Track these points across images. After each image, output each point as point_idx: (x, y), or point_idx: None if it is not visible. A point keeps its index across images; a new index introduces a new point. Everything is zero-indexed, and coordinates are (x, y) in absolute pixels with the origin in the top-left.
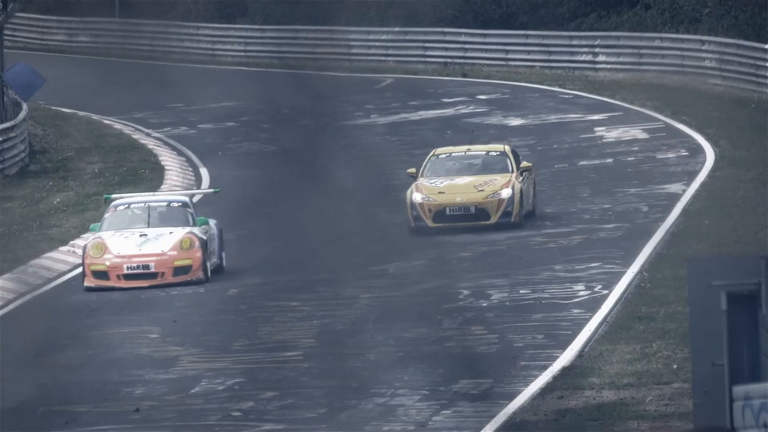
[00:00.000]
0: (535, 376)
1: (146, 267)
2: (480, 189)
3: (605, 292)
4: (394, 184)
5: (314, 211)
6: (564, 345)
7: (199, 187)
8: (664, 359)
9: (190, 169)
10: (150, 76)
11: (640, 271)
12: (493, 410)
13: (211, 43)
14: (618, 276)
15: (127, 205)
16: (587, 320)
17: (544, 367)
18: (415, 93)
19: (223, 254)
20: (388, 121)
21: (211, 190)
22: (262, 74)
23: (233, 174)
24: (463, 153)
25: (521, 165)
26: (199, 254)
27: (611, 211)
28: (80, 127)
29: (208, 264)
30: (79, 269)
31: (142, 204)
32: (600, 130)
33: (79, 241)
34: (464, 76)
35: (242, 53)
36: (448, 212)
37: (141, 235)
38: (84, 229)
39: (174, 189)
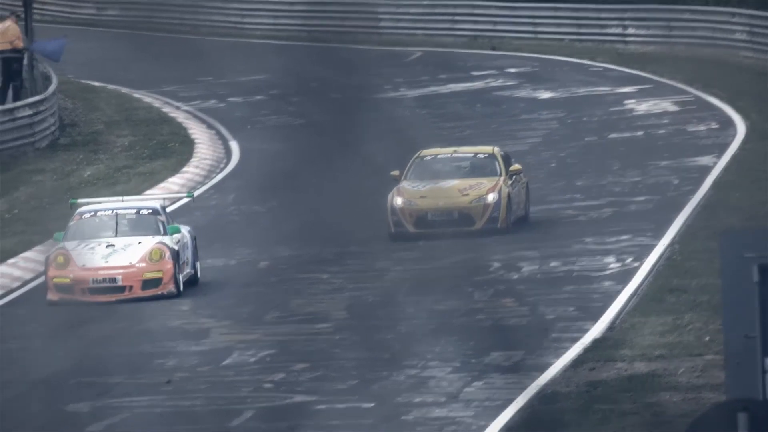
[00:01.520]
0: (567, 348)
1: (113, 280)
2: (464, 193)
3: (636, 264)
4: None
5: (344, 183)
6: (595, 317)
7: (228, 162)
8: (695, 331)
9: (220, 142)
10: (179, 50)
11: (671, 244)
12: (525, 382)
13: (240, 16)
14: (649, 248)
15: (93, 213)
16: (618, 292)
17: (576, 339)
18: (444, 66)
19: (198, 264)
20: (418, 94)
21: (185, 196)
22: (291, 47)
23: (262, 147)
24: (449, 155)
25: (511, 168)
26: (169, 266)
27: (642, 184)
28: (110, 100)
29: (180, 276)
30: None
31: (110, 211)
32: (630, 103)
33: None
34: (493, 49)
35: (271, 26)
36: (429, 217)
37: (107, 246)
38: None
39: (191, 171)
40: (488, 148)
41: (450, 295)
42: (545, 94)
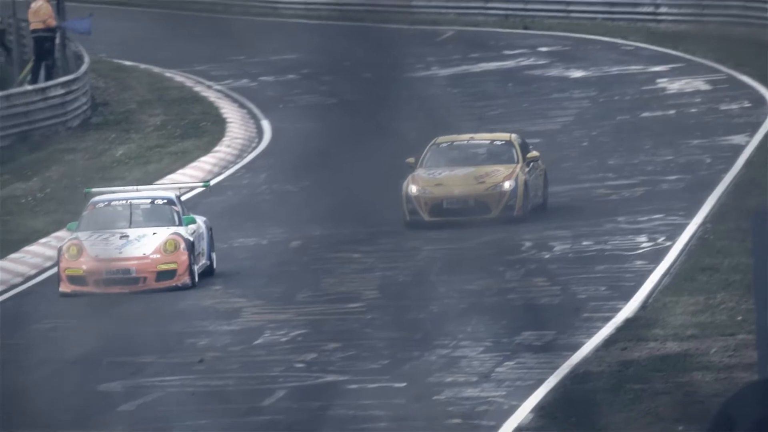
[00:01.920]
0: (599, 328)
1: (127, 272)
2: (480, 181)
3: (668, 243)
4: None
5: (376, 163)
6: (627, 296)
7: (260, 141)
8: (728, 310)
9: (252, 121)
10: (211, 29)
11: (704, 223)
12: (557, 362)
13: None
14: (681, 227)
15: (107, 202)
16: (650, 271)
17: (608, 319)
18: (476, 45)
19: (213, 255)
20: (450, 73)
21: (201, 185)
22: (323, 27)
23: (295, 126)
24: (465, 142)
25: (528, 155)
26: (184, 257)
27: (674, 163)
28: (142, 79)
29: (195, 267)
30: None
31: (124, 201)
32: (662, 82)
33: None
34: (525, 28)
35: (303, 5)
36: (445, 205)
37: (121, 237)
38: (147, 181)
39: (221, 150)
40: (505, 135)
41: (481, 275)
42: (577, 73)
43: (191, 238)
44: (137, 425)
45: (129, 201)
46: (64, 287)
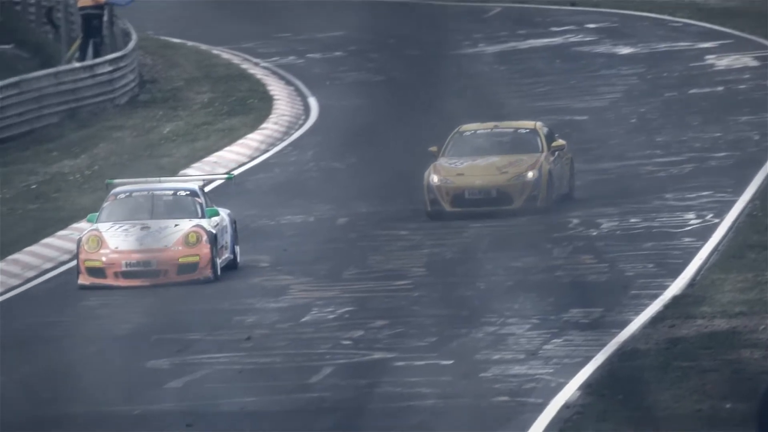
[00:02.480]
0: (646, 305)
1: (147, 264)
2: (503, 171)
3: (716, 220)
4: (503, 113)
5: (422, 140)
6: (675, 274)
7: (307, 118)
8: None
9: (299, 98)
10: (257, 6)
11: (752, 200)
12: (604, 339)
13: None
14: (729, 204)
15: (128, 193)
16: (698, 249)
17: (655, 296)
18: (523, 22)
19: (237, 248)
20: (497, 50)
21: (224, 177)
22: (369, 4)
23: (341, 103)
24: (489, 130)
25: (553, 143)
26: (206, 250)
27: (722, 140)
28: (189, 56)
29: (218, 261)
30: None
31: (146, 192)
32: (710, 58)
33: (191, 171)
34: (573, 4)
35: None
36: (467, 196)
37: (142, 228)
38: (194, 158)
39: (269, 127)
40: (530, 123)
41: (528, 252)
42: (625, 50)
43: (214, 231)
44: (185, 402)
45: (151, 192)
46: (83, 279)
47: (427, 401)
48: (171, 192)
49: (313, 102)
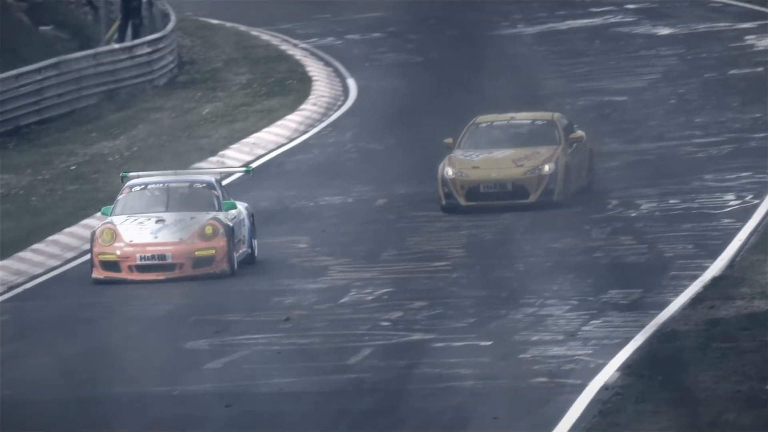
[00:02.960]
0: (686, 286)
1: (162, 257)
2: (519, 164)
3: (756, 201)
4: (542, 94)
5: (461, 121)
6: (714, 255)
7: (346, 99)
8: None
9: (338, 79)
10: None
11: None
12: (643, 320)
13: None
14: None
15: (143, 186)
16: (738, 230)
17: (695, 277)
18: (562, 2)
19: (255, 242)
20: (536, 30)
21: (242, 171)
22: None
23: (380, 84)
24: (506, 122)
25: (572, 135)
26: (223, 243)
27: (762, 120)
28: (228, 37)
29: (235, 254)
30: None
31: (161, 184)
32: (750, 39)
33: (229, 152)
34: None
35: None
36: (482, 189)
37: (158, 221)
38: (233, 139)
39: (308, 109)
40: (547, 115)
41: (567, 233)
42: (664, 30)
43: (231, 224)
44: (223, 383)
45: (166, 184)
46: (97, 273)
47: (465, 382)
48: (187, 184)
49: (351, 83)
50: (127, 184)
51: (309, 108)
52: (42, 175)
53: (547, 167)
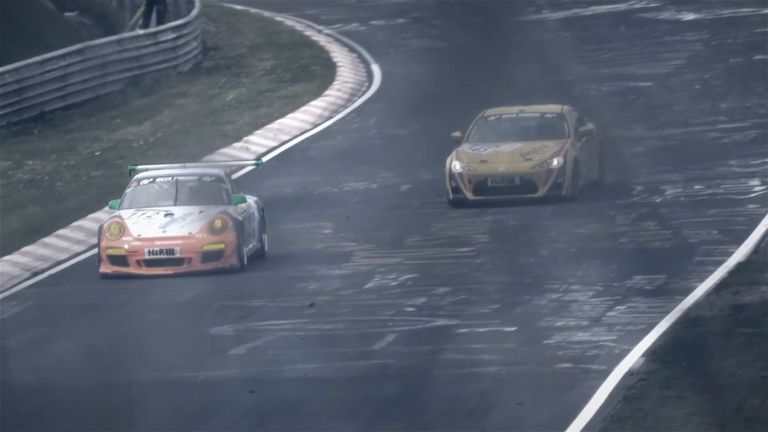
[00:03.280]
0: (710, 272)
1: (170, 252)
2: (527, 158)
3: None
4: (566, 80)
5: (485, 107)
6: (739, 240)
7: (370, 85)
8: None
9: (362, 65)
10: None
11: None
12: (668, 306)
13: None
14: None
15: (151, 179)
16: (763, 215)
17: (720, 263)
18: None
19: (265, 237)
20: (560, 16)
21: (252, 164)
22: None
23: (404, 70)
24: (514, 115)
25: (581, 128)
26: (232, 237)
27: None
28: (252, 23)
29: (245, 249)
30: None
31: (169, 178)
32: None
33: (254, 138)
34: None
35: None
36: (490, 183)
37: (166, 215)
38: (257, 125)
39: (333, 94)
40: (557, 108)
41: (592, 219)
42: (689, 16)
43: (240, 218)
44: (248, 368)
45: (175, 178)
46: (104, 268)
47: (489, 368)
48: (196, 177)
49: (376, 69)
50: (135, 177)
51: (333, 94)
52: (67, 161)
53: (555, 161)
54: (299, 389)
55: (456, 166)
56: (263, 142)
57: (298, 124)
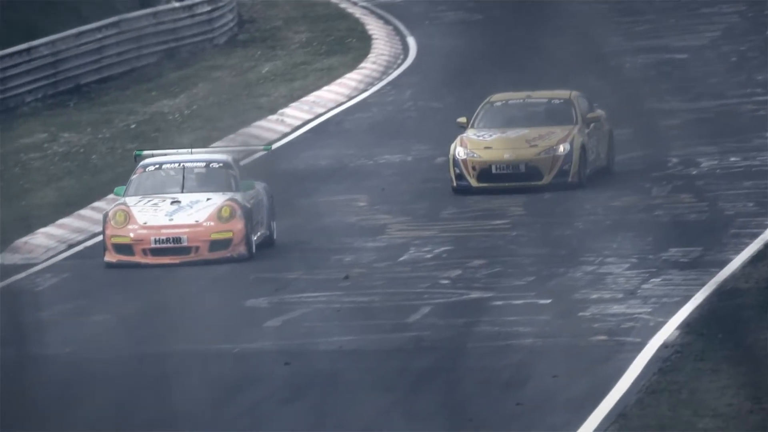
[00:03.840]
0: (746, 244)
1: (177, 240)
2: (533, 144)
3: None
4: (602, 53)
5: (521, 79)
6: None
7: (405, 58)
8: None
9: (398, 37)
10: None
11: None
12: (704, 278)
13: None
14: None
15: (158, 165)
16: None
17: (756, 235)
18: None
19: (274, 224)
20: None
21: (262, 149)
22: None
23: (440, 43)
24: (521, 100)
25: (590, 114)
26: (240, 225)
27: None
28: None
29: (253, 237)
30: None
31: (176, 164)
32: None
33: (289, 111)
34: None
35: None
36: (494, 170)
37: (173, 202)
38: (292, 98)
39: (366, 68)
40: (564, 93)
41: (627, 191)
42: None
43: (249, 205)
44: (283, 341)
45: (182, 164)
46: (109, 257)
47: (524, 340)
48: (203, 164)
49: (411, 41)
50: (141, 163)
51: (368, 66)
52: (102, 134)
53: (561, 148)
54: (334, 361)
55: (460, 152)
56: (298, 114)
57: (333, 96)
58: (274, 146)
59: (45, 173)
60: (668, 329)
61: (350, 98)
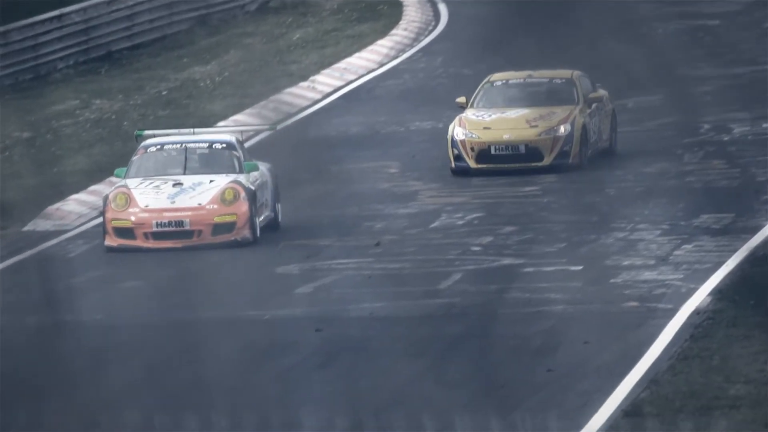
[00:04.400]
0: None
1: (179, 224)
2: (533, 124)
3: None
4: (633, 19)
5: (551, 47)
6: None
7: (437, 24)
8: None
9: (429, 4)
10: None
11: None
12: (735, 244)
13: None
14: None
15: (159, 146)
16: None
17: None
18: None
19: (278, 206)
20: None
21: (267, 128)
22: None
23: (471, 10)
24: (522, 80)
25: (591, 95)
26: (245, 208)
27: None
28: None
29: (257, 220)
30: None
31: (178, 145)
32: None
33: (320, 77)
34: None
35: None
36: (493, 151)
37: (175, 185)
38: (323, 64)
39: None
40: (566, 72)
41: (659, 157)
42: None
43: (253, 187)
44: (314, 307)
45: (184, 145)
46: (110, 241)
47: (556, 307)
48: (206, 145)
49: (443, 8)
50: (142, 144)
51: (400, 33)
52: (134, 101)
53: (562, 128)
54: (365, 328)
55: (458, 133)
56: (329, 81)
57: (364, 63)
58: (308, 111)
59: (77, 140)
60: (700, 296)
61: (381, 65)
